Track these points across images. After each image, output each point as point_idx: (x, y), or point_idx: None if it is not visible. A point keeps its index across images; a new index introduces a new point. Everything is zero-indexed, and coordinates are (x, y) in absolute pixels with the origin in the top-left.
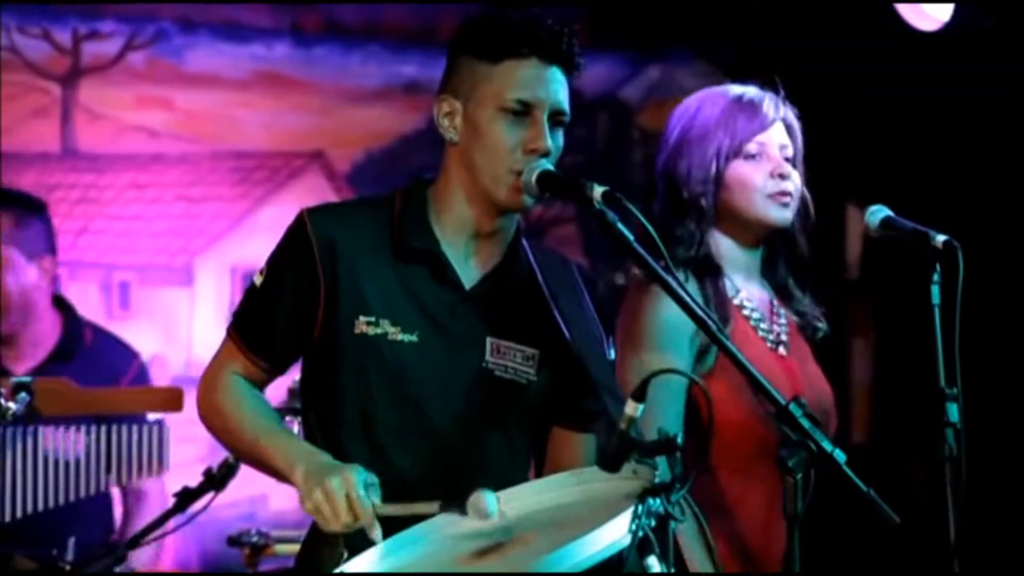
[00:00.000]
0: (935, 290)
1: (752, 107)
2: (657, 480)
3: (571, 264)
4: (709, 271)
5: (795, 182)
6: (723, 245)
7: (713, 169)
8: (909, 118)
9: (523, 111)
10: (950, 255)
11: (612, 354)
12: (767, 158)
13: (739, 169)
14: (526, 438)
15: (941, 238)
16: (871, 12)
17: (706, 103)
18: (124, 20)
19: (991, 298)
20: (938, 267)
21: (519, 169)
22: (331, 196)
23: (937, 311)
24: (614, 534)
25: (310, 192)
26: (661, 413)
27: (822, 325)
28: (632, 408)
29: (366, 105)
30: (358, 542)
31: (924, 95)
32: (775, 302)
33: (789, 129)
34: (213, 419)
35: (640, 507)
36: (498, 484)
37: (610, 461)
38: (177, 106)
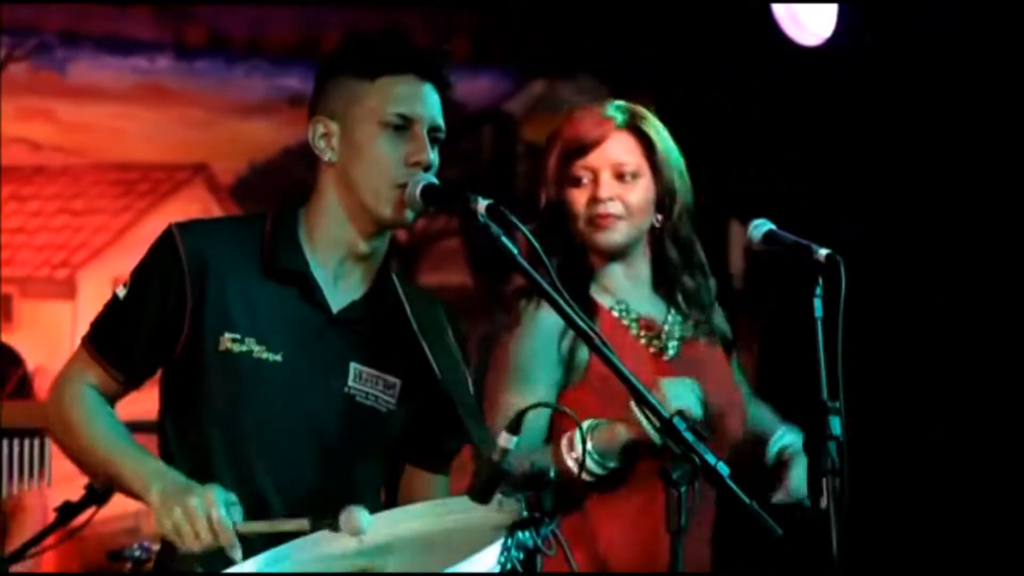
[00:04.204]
0: (817, 303)
1: (578, 129)
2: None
3: (438, 302)
4: (575, 280)
5: (623, 202)
6: (598, 266)
7: (554, 194)
8: (794, 130)
9: (403, 125)
10: (832, 268)
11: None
12: (592, 182)
13: (568, 195)
14: (380, 468)
15: (823, 252)
16: (757, 26)
17: (557, 126)
18: (5, 31)
19: (873, 310)
20: (820, 280)
21: (402, 183)
22: (215, 209)
23: (819, 324)
24: (482, 566)
25: (194, 204)
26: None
27: (716, 328)
28: (505, 440)
29: (250, 118)
30: (216, 563)
31: (807, 107)
32: (672, 316)
33: (640, 139)
34: (63, 433)
35: (509, 540)
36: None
37: (480, 492)
38: (59, 118)
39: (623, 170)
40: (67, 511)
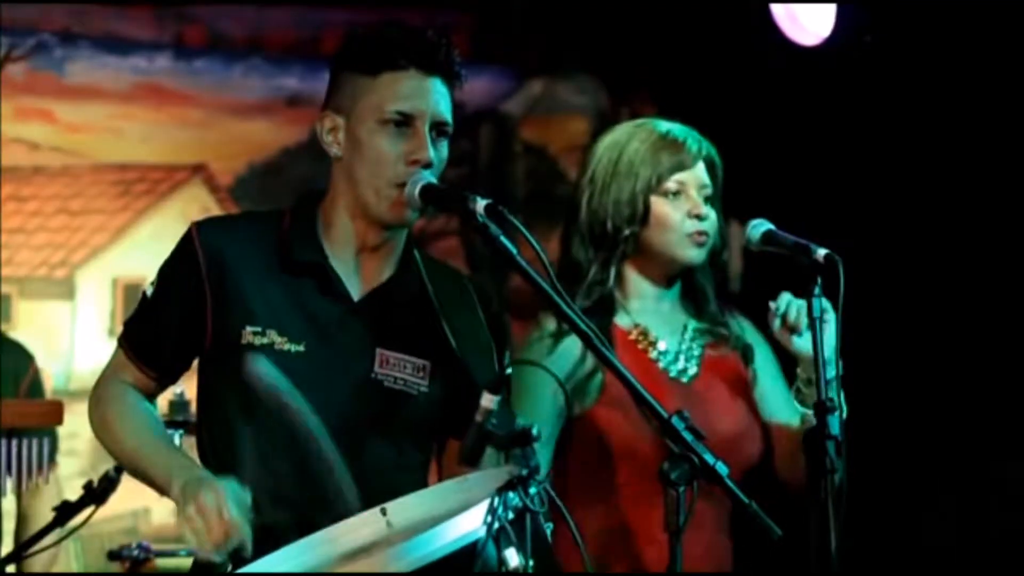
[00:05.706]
0: (816, 303)
1: (676, 144)
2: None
3: (464, 278)
4: (602, 307)
5: (712, 222)
6: (632, 281)
7: (640, 204)
8: (793, 131)
9: (404, 122)
10: (831, 268)
11: (508, 368)
12: (686, 197)
13: (659, 206)
14: (420, 449)
15: (822, 251)
16: (756, 26)
17: (634, 137)
18: (4, 31)
19: (873, 309)
20: (819, 280)
21: (401, 181)
22: (214, 209)
23: (818, 324)
24: (468, 526)
25: (192, 204)
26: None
27: (742, 343)
28: (488, 400)
29: (248, 118)
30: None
31: (807, 107)
32: (691, 335)
33: (711, 168)
34: (101, 431)
35: (497, 500)
36: (388, 495)
37: (469, 454)
38: (58, 118)
39: (707, 193)
40: (66, 510)
